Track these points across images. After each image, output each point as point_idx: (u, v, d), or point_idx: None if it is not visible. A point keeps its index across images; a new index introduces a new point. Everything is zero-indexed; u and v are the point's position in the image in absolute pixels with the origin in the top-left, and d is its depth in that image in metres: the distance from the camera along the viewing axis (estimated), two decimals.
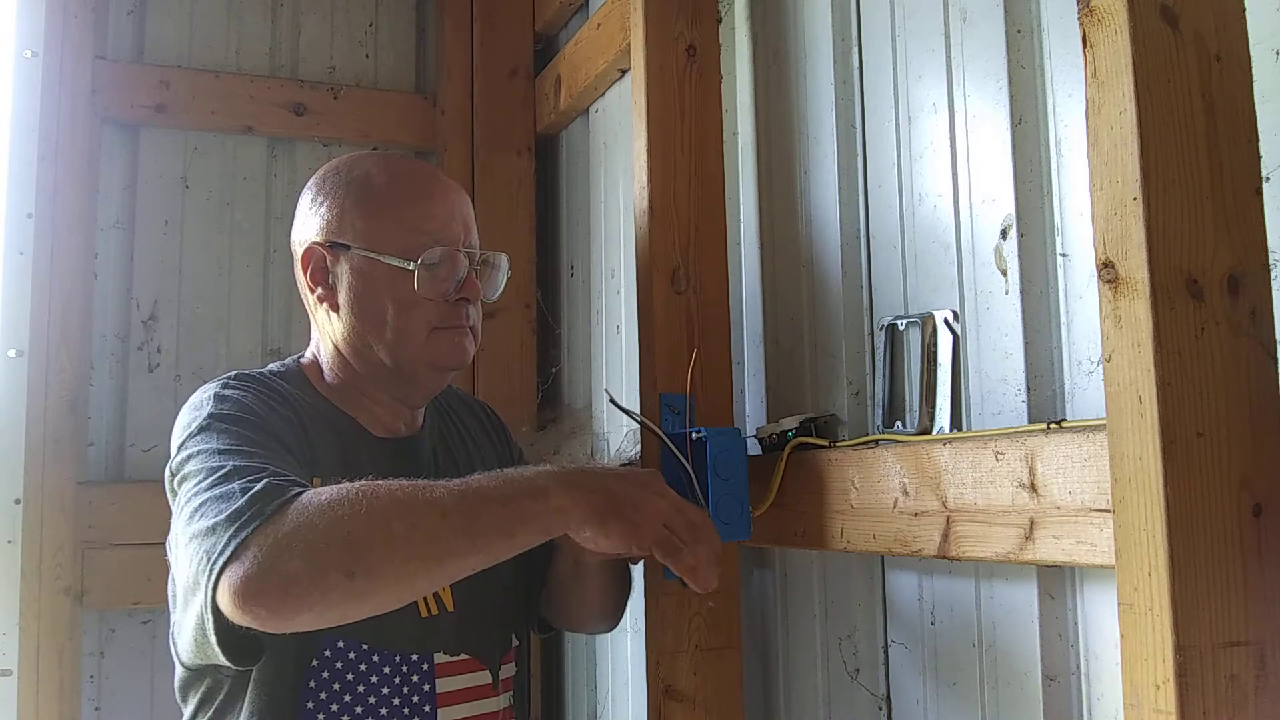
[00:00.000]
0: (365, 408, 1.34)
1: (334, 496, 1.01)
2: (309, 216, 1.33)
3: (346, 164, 1.35)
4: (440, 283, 1.29)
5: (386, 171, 1.33)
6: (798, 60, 1.62)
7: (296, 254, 1.34)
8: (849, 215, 1.51)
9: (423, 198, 1.31)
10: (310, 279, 1.32)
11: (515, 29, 2.59)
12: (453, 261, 1.30)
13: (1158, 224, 0.88)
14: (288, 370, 1.35)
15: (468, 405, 1.56)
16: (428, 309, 1.28)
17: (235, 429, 1.14)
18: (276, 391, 1.26)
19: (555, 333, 2.52)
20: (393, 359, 1.29)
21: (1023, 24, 1.23)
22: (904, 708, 1.39)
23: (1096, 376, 1.10)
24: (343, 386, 1.34)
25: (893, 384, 1.40)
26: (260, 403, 1.21)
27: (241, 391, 1.21)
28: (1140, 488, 0.88)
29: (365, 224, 1.29)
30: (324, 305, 1.31)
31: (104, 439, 2.30)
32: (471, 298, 1.32)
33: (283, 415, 1.22)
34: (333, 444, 1.27)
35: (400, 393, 1.35)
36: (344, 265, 1.29)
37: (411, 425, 1.39)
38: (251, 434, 1.14)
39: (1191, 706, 0.83)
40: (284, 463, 1.12)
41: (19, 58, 2.28)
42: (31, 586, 2.12)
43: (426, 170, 1.40)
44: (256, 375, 1.28)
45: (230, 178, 2.47)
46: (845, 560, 1.49)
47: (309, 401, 1.30)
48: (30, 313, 2.20)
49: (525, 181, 2.56)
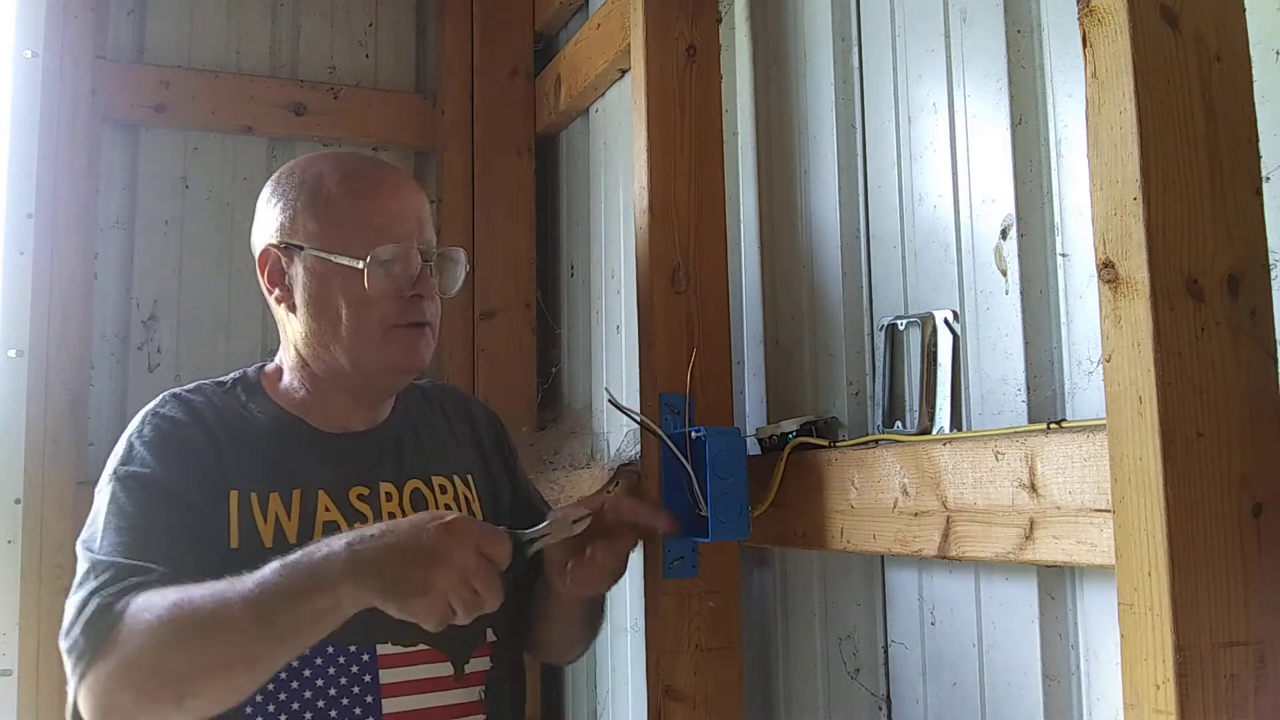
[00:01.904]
0: (318, 409, 1.34)
1: (150, 623, 1.08)
2: (264, 218, 1.34)
3: (301, 164, 1.36)
4: (393, 280, 1.28)
5: (338, 170, 1.33)
6: (798, 60, 1.62)
7: (255, 255, 1.35)
8: (849, 215, 1.51)
9: (372, 194, 1.30)
10: (268, 280, 1.32)
11: (515, 29, 2.59)
12: (406, 258, 1.28)
13: (1158, 224, 0.88)
14: (244, 378, 1.37)
15: (459, 403, 1.53)
16: (383, 306, 1.27)
17: (127, 498, 1.21)
18: (200, 415, 1.28)
19: (555, 333, 2.51)
20: (349, 359, 1.29)
21: (1023, 24, 1.23)
22: (904, 708, 1.39)
23: (1096, 376, 1.10)
24: (300, 390, 1.34)
25: (893, 384, 1.40)
26: (174, 445, 1.25)
27: (161, 433, 1.26)
28: (1140, 488, 0.88)
29: (316, 224, 1.29)
30: (282, 306, 1.33)
31: (104, 439, 2.29)
32: (426, 294, 1.30)
33: (195, 446, 1.26)
34: (259, 446, 1.28)
35: (358, 393, 1.34)
36: (298, 266, 1.29)
37: (371, 421, 1.37)
38: (140, 503, 1.21)
39: (1191, 706, 0.83)
40: (159, 533, 1.19)
41: (19, 58, 2.28)
42: (31, 586, 2.12)
43: (379, 167, 1.40)
44: (189, 398, 1.31)
45: (230, 178, 2.47)
46: (845, 560, 1.49)
47: (253, 409, 1.32)
48: (30, 313, 2.20)
49: (525, 181, 2.56)
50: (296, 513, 1.25)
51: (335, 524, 1.26)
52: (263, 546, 1.21)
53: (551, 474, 2.11)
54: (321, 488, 1.28)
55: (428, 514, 1.14)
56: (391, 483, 1.33)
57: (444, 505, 1.36)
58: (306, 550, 1.10)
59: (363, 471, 1.32)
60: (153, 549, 1.17)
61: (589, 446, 2.20)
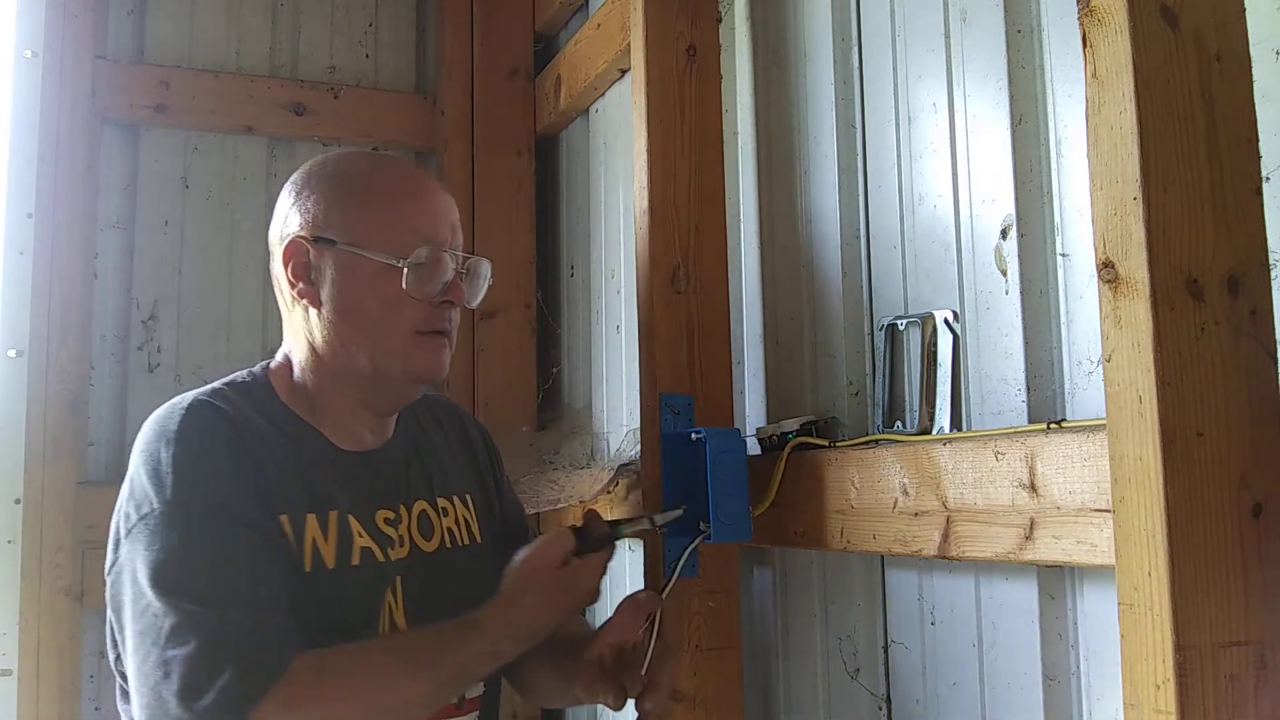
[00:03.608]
0: (331, 417, 1.29)
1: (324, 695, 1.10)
2: (292, 211, 1.30)
3: (334, 159, 1.33)
4: (426, 284, 1.26)
5: (376, 169, 1.32)
6: (798, 60, 1.62)
7: (276, 250, 1.30)
8: (849, 215, 1.51)
9: (413, 197, 1.29)
10: (291, 274, 1.26)
11: (515, 29, 2.59)
12: (439, 263, 1.26)
13: (1158, 224, 0.88)
14: (254, 381, 1.29)
15: (453, 417, 1.51)
16: (412, 310, 1.25)
17: (193, 537, 1.13)
18: (236, 426, 1.20)
19: (555, 333, 2.52)
20: (371, 361, 1.26)
21: (1023, 24, 1.23)
22: (904, 708, 1.39)
23: (1096, 376, 1.10)
24: (312, 393, 1.29)
25: (893, 384, 1.40)
26: (220, 464, 1.17)
27: (200, 445, 1.17)
28: (1140, 488, 0.88)
29: (353, 219, 1.26)
30: (303, 302, 1.26)
31: (104, 439, 2.30)
32: (456, 301, 1.29)
33: (241, 462, 1.18)
34: (292, 463, 1.23)
35: (372, 399, 1.30)
36: (328, 261, 1.25)
37: (380, 435, 1.33)
38: (210, 546, 1.13)
39: (1191, 706, 0.83)
40: (239, 579, 1.13)
41: (19, 58, 2.28)
42: (31, 586, 2.13)
43: (415, 170, 1.39)
44: (220, 406, 1.21)
45: (230, 178, 2.47)
46: (845, 560, 1.49)
47: (271, 416, 1.26)
48: (30, 313, 2.20)
49: (525, 181, 2.56)
50: (334, 536, 1.22)
51: (370, 550, 1.24)
52: (303, 570, 1.18)
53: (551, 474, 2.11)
54: (350, 511, 1.25)
55: (533, 561, 1.22)
56: (404, 504, 1.32)
57: (446, 528, 1.35)
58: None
59: (380, 493, 1.30)
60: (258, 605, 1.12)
61: (589, 446, 2.20)
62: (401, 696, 1.13)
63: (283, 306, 1.32)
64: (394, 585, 1.25)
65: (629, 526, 1.32)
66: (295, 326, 1.31)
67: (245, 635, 1.08)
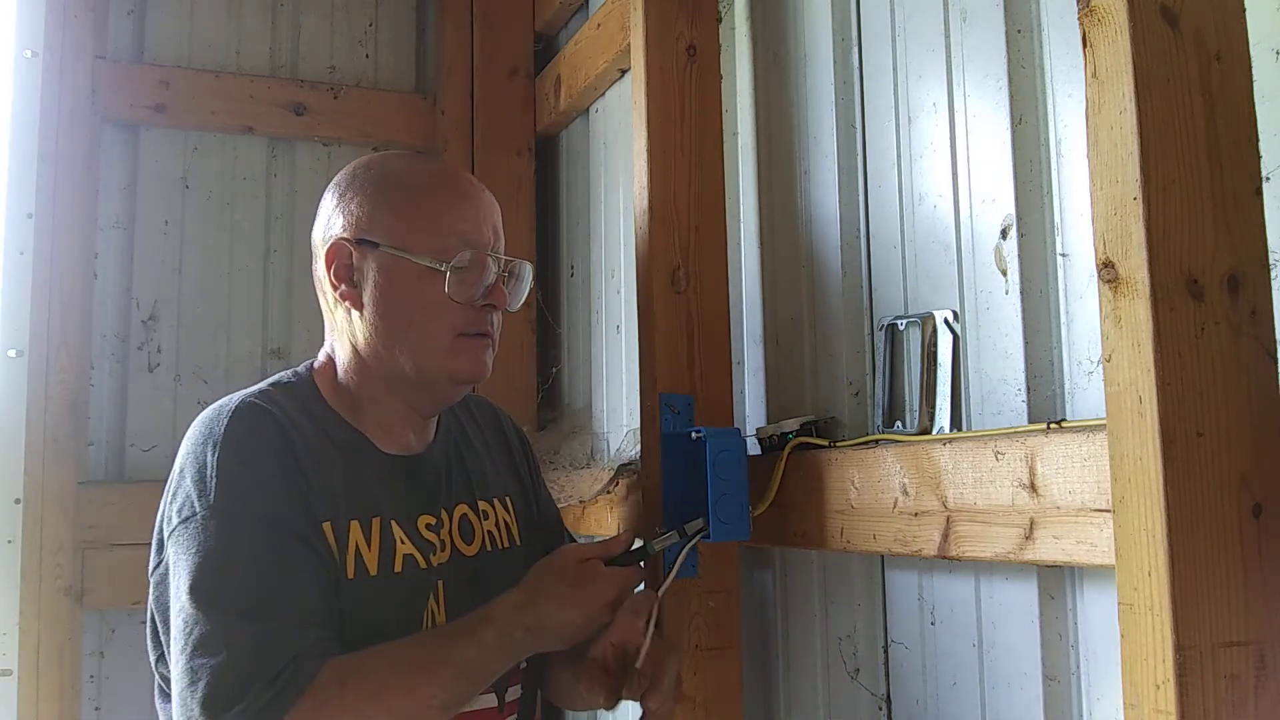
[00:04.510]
0: (375, 419, 1.29)
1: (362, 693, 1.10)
2: (335, 213, 1.29)
3: (378, 161, 1.33)
4: (469, 287, 1.26)
5: (420, 171, 1.31)
6: (798, 60, 1.62)
7: (319, 251, 1.30)
8: (849, 215, 1.51)
9: (457, 200, 1.29)
10: (334, 275, 1.26)
11: (515, 29, 2.59)
12: (482, 266, 1.27)
13: (1158, 224, 0.88)
14: (299, 382, 1.30)
15: (491, 418, 1.51)
16: (454, 313, 1.25)
17: (233, 545, 1.13)
18: (283, 429, 1.20)
19: (555, 333, 2.51)
20: (413, 363, 1.26)
21: (1023, 24, 1.23)
22: (904, 708, 1.39)
23: (1096, 376, 1.10)
24: (355, 394, 1.29)
25: (893, 384, 1.40)
26: (265, 470, 1.17)
27: (246, 450, 1.17)
28: (1140, 488, 0.88)
29: (396, 222, 1.26)
30: (346, 304, 1.27)
31: (104, 439, 2.31)
32: (498, 304, 1.29)
33: (287, 468, 1.18)
34: (337, 469, 1.23)
35: (415, 400, 1.30)
36: (371, 263, 1.25)
37: (423, 437, 1.34)
38: (250, 555, 1.13)
39: (1191, 706, 0.83)
40: (278, 589, 1.13)
41: (19, 58, 2.28)
42: (31, 586, 2.13)
43: (460, 173, 1.38)
44: (267, 409, 1.21)
45: (230, 178, 2.47)
46: (845, 560, 1.49)
47: (317, 419, 1.26)
48: (30, 313, 2.20)
49: (525, 181, 2.56)
50: (377, 543, 1.22)
51: (413, 557, 1.24)
52: (345, 578, 1.18)
53: (551, 474, 2.11)
54: (393, 517, 1.25)
55: (559, 566, 1.23)
56: (445, 509, 1.32)
57: (487, 531, 1.36)
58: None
59: (423, 499, 1.30)
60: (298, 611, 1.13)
61: (589, 446, 2.20)
62: (422, 697, 1.12)
63: (325, 308, 1.32)
64: (436, 591, 1.26)
65: (660, 542, 1.35)
66: (338, 328, 1.31)
67: (277, 650, 1.08)
